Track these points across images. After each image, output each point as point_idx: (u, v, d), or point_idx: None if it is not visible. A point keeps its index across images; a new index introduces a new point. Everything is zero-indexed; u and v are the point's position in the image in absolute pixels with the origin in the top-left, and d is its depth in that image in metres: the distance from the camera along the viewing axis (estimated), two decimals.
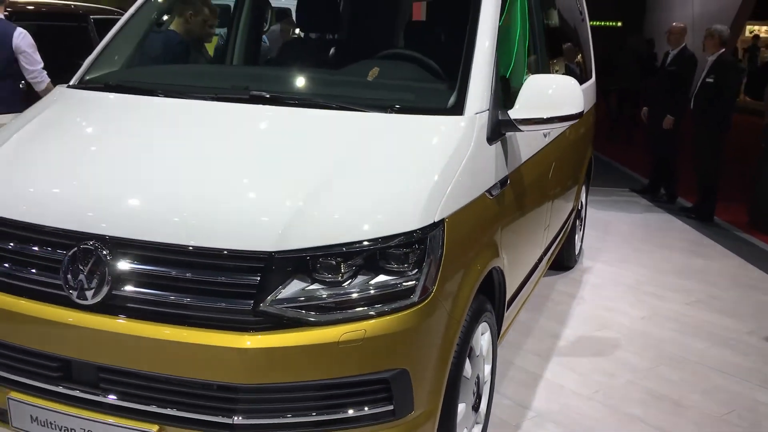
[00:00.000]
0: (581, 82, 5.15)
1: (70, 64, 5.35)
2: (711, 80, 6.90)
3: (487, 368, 2.90)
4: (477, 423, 2.85)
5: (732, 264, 5.77)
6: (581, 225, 5.57)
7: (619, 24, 29.35)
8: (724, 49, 7.03)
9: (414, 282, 2.15)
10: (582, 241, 5.71)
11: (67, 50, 5.89)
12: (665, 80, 7.59)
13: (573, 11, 5.33)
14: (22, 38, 4.86)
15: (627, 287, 5.07)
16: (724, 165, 7.14)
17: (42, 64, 4.91)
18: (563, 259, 5.21)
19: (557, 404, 3.38)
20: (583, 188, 5.36)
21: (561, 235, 4.60)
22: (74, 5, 7.32)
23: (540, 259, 3.87)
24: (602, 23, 28.89)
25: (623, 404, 3.41)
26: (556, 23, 5.17)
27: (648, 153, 8.40)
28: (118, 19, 7.35)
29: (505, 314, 3.14)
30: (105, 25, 6.85)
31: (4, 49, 4.83)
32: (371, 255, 2.12)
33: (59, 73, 4.97)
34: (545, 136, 3.55)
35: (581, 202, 5.37)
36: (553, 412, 3.31)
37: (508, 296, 3.10)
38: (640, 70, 11.72)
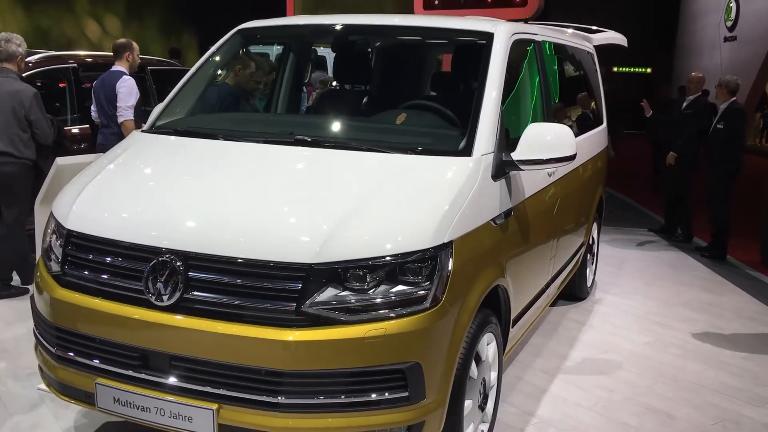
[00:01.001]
0: (593, 128, 5.68)
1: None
2: (721, 126, 7.34)
3: (494, 374, 3.35)
4: (484, 422, 3.29)
5: (739, 299, 6.10)
6: (593, 259, 5.97)
7: (649, 70, 29.86)
8: (734, 98, 7.46)
9: (426, 291, 2.64)
10: (595, 275, 6.11)
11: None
12: (681, 124, 8.05)
13: (587, 63, 5.85)
14: (120, 81, 5.72)
15: (635, 317, 5.45)
16: (735, 205, 7.50)
17: (129, 103, 5.67)
18: (575, 290, 5.62)
19: (559, 413, 3.78)
20: (595, 225, 5.78)
21: (570, 266, 5.03)
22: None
23: (547, 286, 4.31)
24: (631, 70, 29.44)
25: (620, 415, 3.81)
26: (571, 75, 5.69)
27: (662, 194, 8.78)
28: (171, 70, 8.13)
29: (511, 330, 3.58)
30: (160, 75, 7.63)
31: (114, 96, 5.68)
32: (392, 268, 2.61)
33: None
34: (549, 175, 4.02)
35: (593, 238, 5.79)
36: (555, 419, 3.72)
37: (513, 315, 3.56)
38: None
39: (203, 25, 16.77)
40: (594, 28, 6.54)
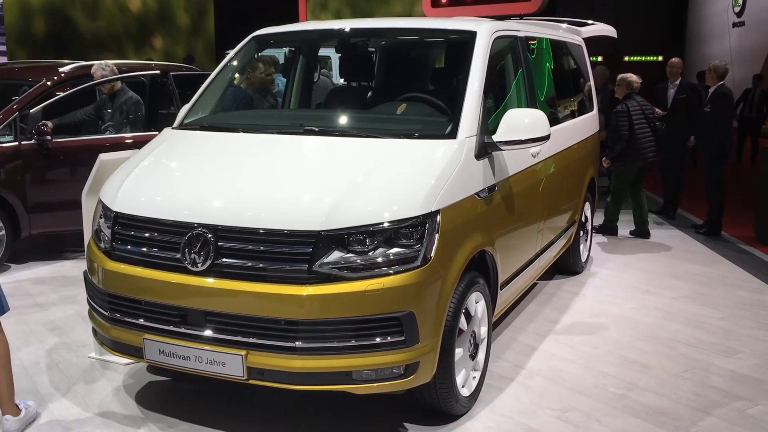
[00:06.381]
0: (581, 114, 6.12)
1: (155, 111, 6.79)
2: (708, 110, 7.76)
3: (484, 329, 3.83)
4: (475, 369, 3.78)
5: (727, 269, 6.51)
6: (586, 236, 6.41)
7: (660, 58, 29.99)
8: (722, 82, 7.87)
9: (417, 252, 3.14)
10: (590, 251, 6.55)
11: (152, 100, 7.34)
12: (677, 109, 8.48)
13: (576, 54, 6.31)
14: None
15: (625, 287, 5.90)
16: (733, 183, 7.89)
17: None
18: (570, 264, 6.08)
19: (546, 366, 4.27)
20: (587, 204, 6.22)
21: (562, 241, 5.48)
22: (155, 64, 8.68)
23: (536, 256, 4.77)
24: (643, 58, 29.60)
25: (600, 366, 4.28)
26: (558, 65, 6.15)
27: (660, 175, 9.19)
28: (191, 75, 8.71)
29: (500, 293, 4.06)
30: (181, 80, 8.19)
31: None
32: (388, 233, 3.12)
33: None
34: (534, 156, 4.50)
35: (586, 216, 6.24)
36: (542, 370, 4.20)
37: (501, 279, 4.04)
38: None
39: None
40: (589, 22, 7.00)
